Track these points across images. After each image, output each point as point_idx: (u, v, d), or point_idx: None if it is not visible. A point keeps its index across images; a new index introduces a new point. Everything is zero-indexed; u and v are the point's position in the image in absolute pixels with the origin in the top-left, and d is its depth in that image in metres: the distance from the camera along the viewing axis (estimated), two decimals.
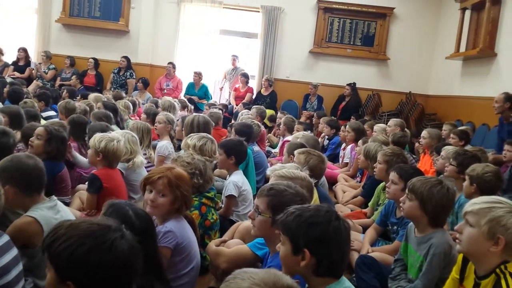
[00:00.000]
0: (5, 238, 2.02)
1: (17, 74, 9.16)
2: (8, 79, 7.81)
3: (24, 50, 9.38)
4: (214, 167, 3.78)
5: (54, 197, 2.40)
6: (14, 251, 2.03)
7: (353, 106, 8.79)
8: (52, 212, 2.29)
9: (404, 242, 2.52)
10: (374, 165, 3.72)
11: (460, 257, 2.03)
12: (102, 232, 1.31)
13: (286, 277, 1.14)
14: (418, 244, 2.37)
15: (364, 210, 3.92)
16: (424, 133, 5.38)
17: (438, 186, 2.35)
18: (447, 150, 3.97)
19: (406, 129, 6.44)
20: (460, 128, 5.64)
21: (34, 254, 2.18)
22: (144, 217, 1.91)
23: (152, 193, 2.27)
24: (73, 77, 9.16)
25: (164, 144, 4.48)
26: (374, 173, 3.70)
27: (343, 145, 5.97)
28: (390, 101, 9.07)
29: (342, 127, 6.14)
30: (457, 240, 1.91)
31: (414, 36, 9.33)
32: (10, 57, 9.54)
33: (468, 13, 7.62)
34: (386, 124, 6.45)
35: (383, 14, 9.33)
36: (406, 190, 2.45)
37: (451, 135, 5.17)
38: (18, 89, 6.16)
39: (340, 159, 5.88)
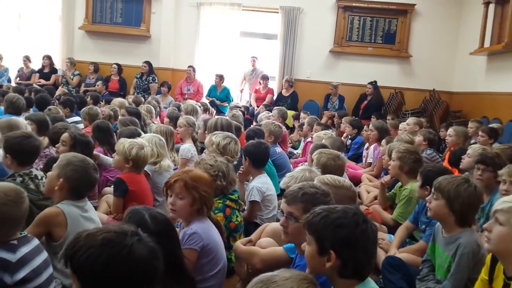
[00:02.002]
0: (36, 241, 2.08)
1: (43, 81, 9.40)
2: (35, 87, 8.04)
3: (48, 58, 9.62)
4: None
5: (85, 198, 2.49)
6: (44, 254, 2.09)
7: (375, 105, 8.69)
8: (80, 210, 2.39)
9: (431, 243, 2.49)
10: (389, 162, 3.69)
11: (488, 257, 1.99)
12: (119, 239, 1.32)
13: None
14: (446, 245, 2.34)
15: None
16: (450, 131, 5.28)
17: (465, 184, 2.31)
18: (474, 148, 3.89)
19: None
20: (489, 125, 5.51)
21: (57, 250, 2.26)
22: (161, 220, 1.92)
23: (172, 197, 2.31)
24: (99, 82, 9.32)
25: (187, 147, 4.53)
26: None
27: (366, 144, 5.90)
28: (413, 99, 8.93)
29: (365, 127, 6.09)
30: (485, 239, 1.88)
31: (437, 32, 9.16)
32: (36, 64, 9.78)
33: (492, 7, 7.45)
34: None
35: (404, 11, 9.20)
36: (432, 190, 2.41)
37: (480, 133, 5.05)
38: (46, 95, 6.40)
39: (364, 159, 5.82)
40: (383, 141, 4.97)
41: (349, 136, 6.50)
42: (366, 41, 9.39)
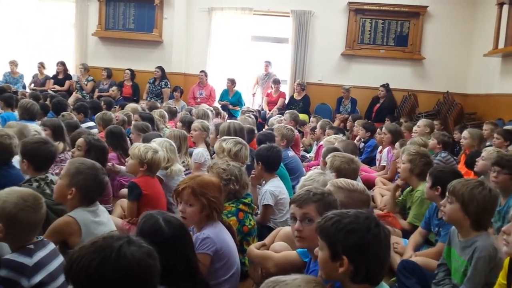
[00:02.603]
0: (51, 245, 2.11)
1: (57, 87, 9.53)
2: (50, 92, 8.16)
3: (62, 64, 9.75)
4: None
5: (96, 202, 2.50)
6: (60, 258, 2.11)
7: (388, 108, 8.64)
8: (92, 215, 2.40)
9: (447, 247, 2.46)
10: (399, 165, 3.67)
11: (506, 261, 1.96)
12: (107, 244, 1.35)
13: None
14: (462, 249, 2.31)
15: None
16: (465, 133, 5.23)
17: (479, 187, 2.28)
18: (489, 151, 3.85)
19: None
20: (504, 127, 5.43)
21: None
22: (175, 224, 1.93)
23: (181, 204, 2.31)
24: (114, 88, 9.41)
25: (200, 151, 4.54)
26: None
27: (380, 147, 5.86)
28: (426, 102, 8.87)
29: (379, 130, 6.05)
30: (504, 242, 1.85)
31: (450, 34, 9.09)
32: (50, 71, 9.92)
33: (506, 8, 7.37)
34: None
35: (416, 13, 9.15)
36: (446, 193, 2.39)
37: (495, 135, 4.98)
38: (62, 100, 6.52)
39: (377, 162, 5.78)
40: (397, 144, 4.94)
41: (362, 139, 6.47)
42: (378, 43, 9.35)
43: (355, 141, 6.09)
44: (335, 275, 1.55)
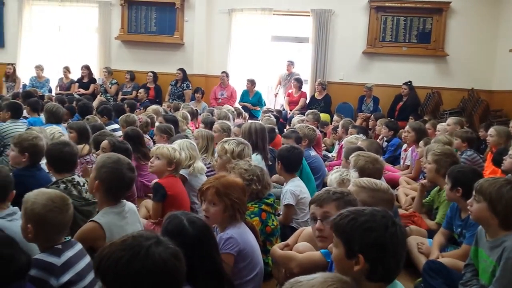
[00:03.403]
0: (79, 246, 2.15)
1: (82, 90, 9.73)
2: (75, 96, 8.34)
3: (87, 68, 9.94)
4: None
5: (123, 202, 2.53)
6: (87, 258, 2.16)
7: (412, 106, 8.52)
8: (118, 218, 2.42)
9: (474, 247, 2.41)
10: (424, 165, 3.60)
11: None
12: (136, 242, 1.38)
13: None
14: (491, 249, 2.26)
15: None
16: (491, 130, 5.10)
17: (507, 186, 2.23)
18: None
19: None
20: None
21: None
22: (199, 225, 1.94)
23: (205, 203, 2.33)
24: (141, 90, 9.52)
25: None
26: None
27: (404, 146, 5.77)
28: (451, 99, 8.71)
29: (404, 129, 5.96)
30: None
31: (474, 30, 8.90)
32: (75, 74, 10.12)
33: None
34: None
35: (439, 9, 8.98)
36: (473, 192, 2.34)
37: None
38: (88, 103, 6.66)
39: (402, 161, 5.69)
40: (421, 143, 4.86)
41: (385, 138, 6.39)
42: (400, 41, 9.23)
43: (378, 140, 6.02)
44: (350, 273, 1.54)
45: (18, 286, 1.68)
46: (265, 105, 9.42)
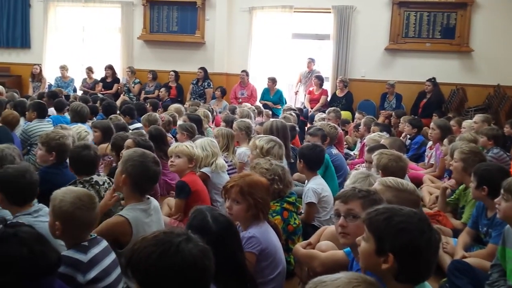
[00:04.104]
0: (104, 243, 2.19)
1: (105, 90, 9.89)
2: (99, 96, 8.49)
3: (110, 68, 10.09)
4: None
5: (150, 200, 2.57)
6: (113, 255, 2.20)
7: (436, 103, 8.35)
8: (144, 215, 2.46)
9: (501, 246, 2.36)
10: (450, 162, 3.52)
11: None
12: (168, 238, 1.41)
13: None
14: None
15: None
16: None
17: None
18: None
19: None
20: None
21: (122, 254, 2.32)
22: (222, 221, 1.96)
23: (228, 201, 2.34)
24: (162, 89, 9.62)
25: (243, 151, 4.58)
26: None
27: (429, 144, 5.66)
28: (476, 96, 8.51)
29: (427, 126, 5.85)
30: None
31: (500, 24, 8.66)
32: (98, 74, 10.29)
33: None
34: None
35: (464, 4, 8.79)
36: (502, 190, 2.29)
37: None
38: (112, 103, 6.81)
39: (426, 159, 5.58)
40: (445, 141, 4.77)
41: (409, 136, 6.29)
42: (423, 36, 9.06)
43: (400, 138, 5.93)
44: (376, 269, 1.53)
45: (49, 282, 1.72)
46: (286, 103, 9.39)
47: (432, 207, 3.97)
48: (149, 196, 2.57)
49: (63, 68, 10.07)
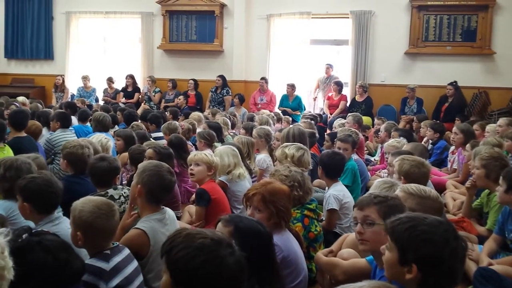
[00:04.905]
0: (126, 251, 2.22)
1: (126, 99, 10.04)
2: (120, 105, 8.62)
3: (131, 77, 10.24)
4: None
5: (165, 209, 2.59)
6: (135, 263, 2.22)
7: (458, 107, 8.21)
8: (160, 225, 2.47)
9: None
10: (473, 170, 3.44)
11: None
12: (215, 247, 1.40)
13: None
14: None
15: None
16: None
17: None
18: None
19: None
20: None
21: (143, 265, 2.35)
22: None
23: (250, 209, 2.34)
24: (180, 97, 9.73)
25: (262, 158, 4.59)
26: None
27: (451, 148, 5.55)
28: (499, 99, 8.33)
29: (450, 131, 5.74)
30: None
31: None
32: (119, 83, 10.45)
33: None
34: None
35: (485, 6, 8.64)
36: None
37: None
38: (133, 112, 6.96)
39: (449, 164, 5.48)
40: (468, 146, 4.68)
41: (431, 141, 6.19)
42: (444, 40, 8.94)
43: (423, 143, 5.84)
44: (400, 279, 1.50)
45: None
46: (305, 109, 9.37)
47: (456, 213, 3.89)
48: (163, 206, 2.59)
49: (85, 79, 10.26)
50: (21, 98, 8.04)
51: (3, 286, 1.36)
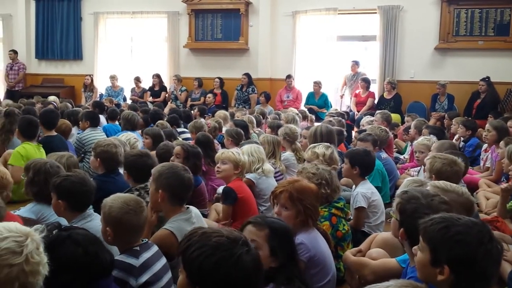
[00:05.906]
0: (155, 248, 2.24)
1: (153, 98, 10.17)
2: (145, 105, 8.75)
3: (158, 76, 10.37)
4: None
5: (190, 208, 2.59)
6: (163, 260, 2.24)
7: (490, 103, 7.97)
8: (187, 224, 2.48)
9: None
10: (508, 168, 3.32)
11: None
12: (230, 246, 1.40)
13: None
14: None
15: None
16: None
17: None
18: None
19: None
20: None
21: (173, 266, 2.34)
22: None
23: (277, 206, 2.32)
24: (209, 95, 9.77)
25: (286, 156, 4.57)
26: None
27: (484, 146, 5.38)
28: None
29: (482, 128, 5.56)
30: None
31: None
32: (146, 83, 10.60)
33: None
34: None
35: None
36: None
37: None
38: (158, 110, 7.04)
39: (482, 162, 5.31)
40: (501, 143, 4.53)
41: (462, 138, 6.02)
42: (475, 34, 8.70)
43: (453, 140, 5.69)
44: (433, 280, 1.47)
45: (106, 284, 1.78)
46: (331, 106, 9.28)
47: (490, 212, 3.77)
48: (188, 206, 2.60)
49: (113, 78, 10.44)
50: (52, 98, 8.25)
51: (38, 281, 1.38)
